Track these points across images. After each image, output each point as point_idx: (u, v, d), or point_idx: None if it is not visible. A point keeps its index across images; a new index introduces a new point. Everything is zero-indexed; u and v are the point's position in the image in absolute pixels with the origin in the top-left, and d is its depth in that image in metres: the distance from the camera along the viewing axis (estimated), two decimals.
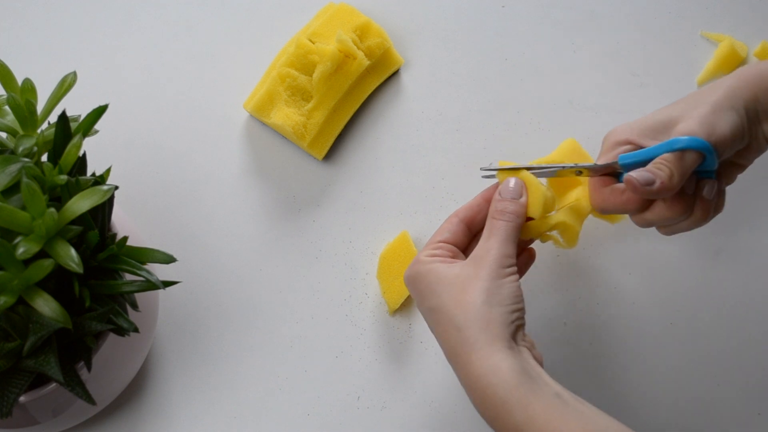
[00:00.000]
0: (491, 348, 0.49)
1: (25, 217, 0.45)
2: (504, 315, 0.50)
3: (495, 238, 0.53)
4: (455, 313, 0.51)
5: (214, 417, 0.62)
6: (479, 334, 0.50)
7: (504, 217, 0.53)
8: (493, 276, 0.51)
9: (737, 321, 0.65)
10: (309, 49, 0.66)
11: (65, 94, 0.53)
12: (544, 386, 0.48)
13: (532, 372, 0.49)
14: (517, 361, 0.49)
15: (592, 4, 0.72)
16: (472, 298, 0.50)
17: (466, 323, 0.50)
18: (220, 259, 0.65)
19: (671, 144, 0.52)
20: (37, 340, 0.46)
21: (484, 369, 0.49)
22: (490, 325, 0.50)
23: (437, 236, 0.55)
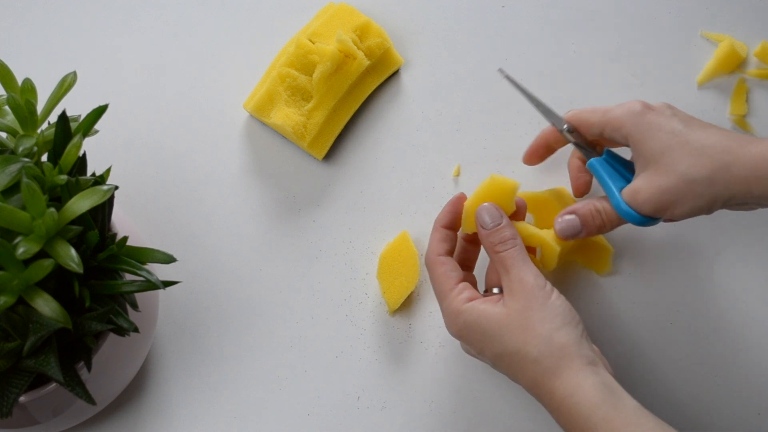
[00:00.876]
0: (571, 370, 0.50)
1: (25, 217, 0.45)
2: (572, 333, 0.51)
3: (515, 269, 0.53)
4: (528, 350, 0.51)
5: (214, 417, 0.62)
6: (559, 360, 0.50)
7: (506, 247, 0.54)
8: (542, 302, 0.52)
9: (737, 321, 0.65)
10: (309, 49, 0.66)
11: (65, 94, 0.53)
12: (625, 399, 0.49)
13: (612, 386, 0.50)
14: (597, 377, 0.50)
15: (592, 4, 0.72)
16: (538, 331, 0.51)
17: (543, 355, 0.51)
18: (220, 259, 0.65)
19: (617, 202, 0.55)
20: (37, 340, 0.46)
21: (568, 390, 0.49)
22: (566, 348, 0.50)
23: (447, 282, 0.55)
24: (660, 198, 0.53)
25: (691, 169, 0.52)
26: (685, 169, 0.52)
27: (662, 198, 0.53)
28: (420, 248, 0.66)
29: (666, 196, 0.52)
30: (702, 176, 0.52)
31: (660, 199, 0.53)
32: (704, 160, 0.52)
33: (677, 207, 0.53)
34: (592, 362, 0.50)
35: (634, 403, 0.49)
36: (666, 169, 0.52)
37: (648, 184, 0.53)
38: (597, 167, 0.57)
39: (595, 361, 0.50)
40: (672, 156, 0.52)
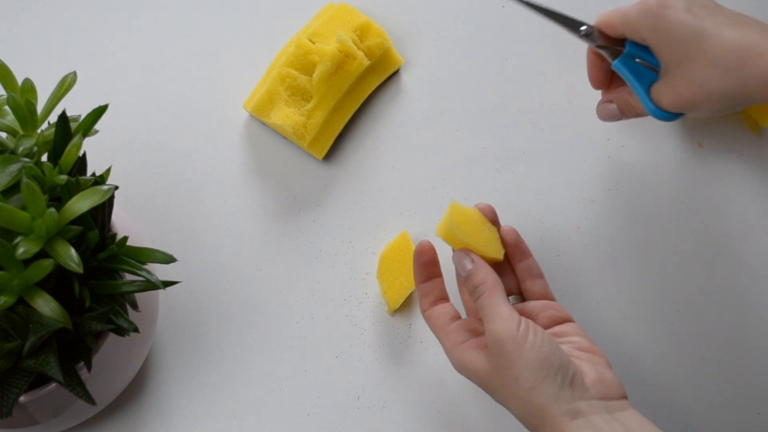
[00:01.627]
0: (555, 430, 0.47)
1: (25, 217, 0.45)
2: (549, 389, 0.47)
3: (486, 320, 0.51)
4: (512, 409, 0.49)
5: (214, 417, 0.62)
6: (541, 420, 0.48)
7: (476, 295, 0.52)
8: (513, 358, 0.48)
9: (737, 321, 0.65)
10: (309, 49, 0.66)
11: (65, 94, 0.53)
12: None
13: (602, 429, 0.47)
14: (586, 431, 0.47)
15: (592, 5, 0.72)
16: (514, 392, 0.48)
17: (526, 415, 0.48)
18: (220, 259, 0.65)
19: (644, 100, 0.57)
20: (37, 340, 0.46)
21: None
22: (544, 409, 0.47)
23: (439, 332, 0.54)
24: (682, 104, 0.54)
25: (708, 83, 0.52)
26: (702, 81, 0.52)
27: (684, 104, 0.54)
28: None
29: (687, 103, 0.54)
30: (720, 90, 0.52)
31: (682, 105, 0.54)
32: (720, 73, 0.52)
33: (699, 111, 0.54)
34: (576, 415, 0.47)
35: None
36: (685, 79, 0.53)
37: (670, 91, 0.55)
38: (621, 68, 0.57)
39: (581, 411, 0.47)
40: (690, 65, 0.53)
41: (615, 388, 0.50)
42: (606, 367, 0.51)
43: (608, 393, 0.49)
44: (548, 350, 0.48)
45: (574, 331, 0.54)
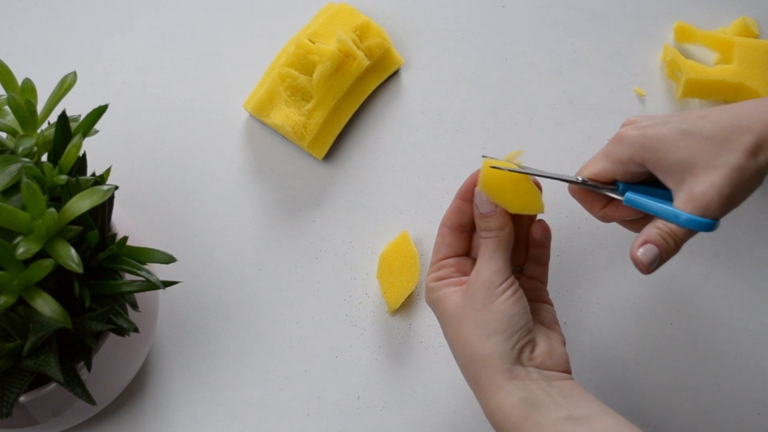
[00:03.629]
0: (493, 385, 0.49)
1: (25, 217, 0.45)
2: (501, 344, 0.49)
3: (482, 258, 0.52)
4: (458, 350, 0.51)
5: (214, 417, 0.62)
6: (480, 371, 0.49)
7: (487, 235, 0.52)
8: (485, 301, 0.50)
9: (737, 321, 0.65)
10: (309, 49, 0.66)
11: (65, 94, 0.53)
12: (551, 412, 0.47)
13: (536, 400, 0.48)
14: (519, 392, 0.48)
15: (592, 4, 0.72)
16: (466, 334, 0.50)
17: (467, 362, 0.50)
18: (220, 259, 0.65)
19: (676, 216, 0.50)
20: (37, 340, 0.46)
21: (491, 408, 0.49)
22: (488, 360, 0.49)
23: (436, 255, 0.55)
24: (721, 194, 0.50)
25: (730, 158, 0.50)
26: (725, 159, 0.50)
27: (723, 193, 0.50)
28: (420, 248, 0.66)
29: (727, 189, 0.50)
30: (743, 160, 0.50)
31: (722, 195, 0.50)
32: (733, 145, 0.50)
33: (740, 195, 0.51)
34: (515, 377, 0.48)
35: (562, 413, 0.47)
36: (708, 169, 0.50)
37: (702, 189, 0.50)
38: (636, 197, 0.53)
39: (520, 374, 0.49)
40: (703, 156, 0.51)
41: (561, 362, 0.51)
42: (559, 343, 0.52)
43: (553, 365, 0.50)
44: (517, 310, 0.50)
45: (546, 309, 0.55)
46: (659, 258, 0.51)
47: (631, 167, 0.53)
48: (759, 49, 0.68)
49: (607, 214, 0.55)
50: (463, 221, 0.55)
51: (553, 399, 0.48)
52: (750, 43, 0.68)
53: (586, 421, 0.47)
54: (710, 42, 0.70)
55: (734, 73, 0.67)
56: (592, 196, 0.55)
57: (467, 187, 0.55)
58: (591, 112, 0.69)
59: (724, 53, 0.70)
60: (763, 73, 0.67)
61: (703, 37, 0.70)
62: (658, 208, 0.52)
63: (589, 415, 0.47)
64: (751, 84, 0.67)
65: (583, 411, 0.47)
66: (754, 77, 0.67)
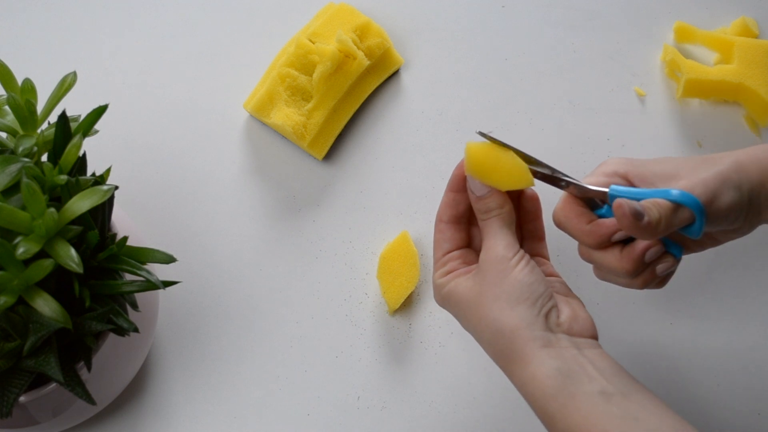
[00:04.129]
0: (526, 356, 0.48)
1: (25, 217, 0.45)
2: (527, 312, 0.48)
3: (488, 237, 0.51)
4: (483, 330, 0.50)
5: (214, 417, 0.62)
6: (510, 344, 0.48)
7: (488, 215, 0.52)
8: (500, 276, 0.49)
9: (737, 321, 0.65)
10: (309, 49, 0.66)
11: (65, 94, 0.53)
12: (585, 385, 0.46)
13: (570, 371, 0.47)
14: (553, 362, 0.47)
15: (592, 4, 0.72)
16: (488, 311, 0.49)
17: (493, 338, 0.49)
18: (220, 259, 0.65)
19: (666, 192, 0.49)
20: (37, 340, 0.46)
21: (522, 379, 0.48)
22: (517, 331, 0.48)
23: (438, 251, 0.54)
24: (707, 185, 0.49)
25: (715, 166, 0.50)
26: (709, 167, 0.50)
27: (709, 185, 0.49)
28: (420, 248, 0.66)
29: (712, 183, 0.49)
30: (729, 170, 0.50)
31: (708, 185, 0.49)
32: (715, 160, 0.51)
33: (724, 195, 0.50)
34: (546, 344, 0.48)
35: (596, 387, 0.46)
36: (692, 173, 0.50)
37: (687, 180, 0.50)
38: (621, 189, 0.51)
39: (551, 341, 0.48)
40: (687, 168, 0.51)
41: (588, 327, 0.50)
42: (581, 308, 0.51)
43: (580, 331, 0.50)
44: (535, 277, 0.49)
45: (558, 279, 0.55)
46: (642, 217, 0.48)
47: (615, 180, 0.52)
48: (759, 49, 0.68)
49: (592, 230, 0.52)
50: (459, 212, 0.54)
51: (586, 371, 0.47)
52: (750, 43, 0.68)
53: (620, 398, 0.46)
54: (710, 42, 0.70)
55: (734, 73, 0.67)
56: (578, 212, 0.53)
57: (456, 177, 0.54)
58: (591, 112, 0.69)
59: (724, 53, 0.70)
60: (763, 73, 0.67)
61: (703, 37, 0.70)
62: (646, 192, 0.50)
63: (623, 391, 0.47)
64: (751, 84, 0.67)
65: (617, 387, 0.47)
66: (754, 77, 0.67)
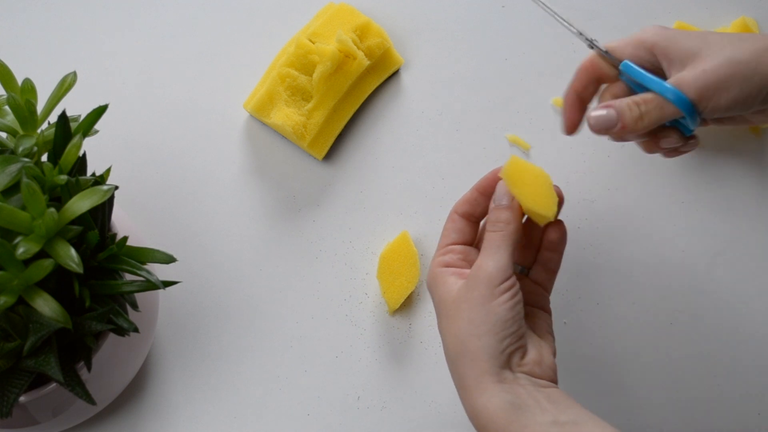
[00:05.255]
0: (479, 385, 0.48)
1: (25, 217, 0.45)
2: (492, 346, 0.48)
3: (486, 253, 0.50)
4: (448, 343, 0.50)
5: (214, 417, 0.62)
6: (468, 369, 0.49)
7: (494, 228, 0.51)
8: (483, 299, 0.49)
9: (737, 321, 0.65)
10: (309, 49, 0.66)
11: (65, 94, 0.53)
12: (537, 416, 0.47)
13: (523, 404, 0.47)
14: (506, 396, 0.47)
15: (592, 4, 0.72)
16: (459, 329, 0.49)
17: (455, 357, 0.50)
18: (220, 259, 0.65)
19: (660, 85, 0.50)
20: (37, 340, 0.46)
21: (476, 409, 0.48)
22: (477, 360, 0.48)
23: (444, 239, 0.54)
24: (706, 81, 0.49)
25: (735, 52, 0.49)
26: (729, 53, 0.49)
27: (708, 81, 0.49)
28: (420, 248, 0.66)
29: (712, 78, 0.49)
30: (747, 57, 0.49)
31: (706, 82, 0.49)
32: (746, 44, 0.50)
33: (724, 92, 0.49)
34: (501, 380, 0.48)
35: (549, 417, 0.47)
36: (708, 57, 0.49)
37: (692, 71, 0.49)
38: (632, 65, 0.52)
39: (506, 378, 0.48)
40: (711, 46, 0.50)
41: (549, 373, 0.50)
42: (549, 354, 0.51)
43: (541, 375, 0.50)
44: (512, 315, 0.49)
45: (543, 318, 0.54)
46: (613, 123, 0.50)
47: (640, 51, 0.52)
48: None
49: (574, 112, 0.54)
50: (475, 212, 0.54)
51: (540, 404, 0.47)
52: None
53: (572, 426, 0.46)
54: None
55: None
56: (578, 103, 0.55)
57: (487, 181, 0.54)
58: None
59: None
60: None
61: None
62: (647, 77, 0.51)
63: (575, 420, 0.47)
64: None
65: (570, 416, 0.47)
66: None
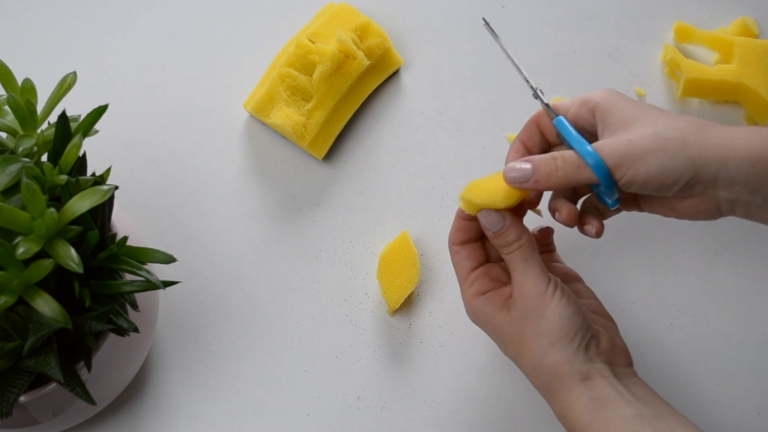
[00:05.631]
0: (564, 390, 0.49)
1: (25, 217, 0.45)
2: (567, 349, 0.50)
3: (516, 273, 0.52)
4: (524, 363, 0.51)
5: (214, 417, 0.62)
6: (551, 379, 0.50)
7: (510, 249, 0.52)
8: (538, 313, 0.50)
9: (737, 321, 0.65)
10: (309, 49, 0.66)
11: (65, 94, 0.53)
12: (620, 410, 0.48)
13: (605, 399, 0.48)
14: (590, 392, 0.49)
15: (592, 4, 0.72)
16: (530, 347, 0.50)
17: (536, 372, 0.51)
18: (220, 259, 0.65)
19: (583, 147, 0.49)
20: (37, 340, 0.46)
21: (562, 410, 0.50)
22: (557, 367, 0.50)
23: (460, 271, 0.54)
24: (628, 149, 0.48)
25: (665, 128, 0.48)
26: (659, 127, 0.48)
27: (630, 150, 0.48)
28: (420, 248, 0.66)
29: (633, 147, 0.48)
30: (676, 135, 0.48)
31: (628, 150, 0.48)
32: (679, 122, 0.49)
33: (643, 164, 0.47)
34: (585, 377, 0.49)
35: (631, 411, 0.48)
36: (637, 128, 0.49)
37: (617, 138, 0.49)
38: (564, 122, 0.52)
39: (590, 373, 0.49)
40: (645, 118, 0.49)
41: (624, 355, 0.52)
42: (617, 334, 0.53)
43: (617, 359, 0.51)
44: (572, 310, 0.50)
45: (587, 292, 0.56)
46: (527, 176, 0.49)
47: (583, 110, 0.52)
48: (759, 49, 0.68)
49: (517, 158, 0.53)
50: (470, 237, 0.55)
51: (622, 396, 0.49)
52: (750, 43, 0.69)
53: (654, 420, 0.48)
54: (710, 42, 0.70)
55: (734, 72, 0.68)
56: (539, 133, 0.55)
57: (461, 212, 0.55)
58: None
59: (724, 53, 0.70)
60: (763, 73, 0.67)
61: (703, 37, 0.70)
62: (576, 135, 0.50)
63: (657, 414, 0.48)
64: (751, 84, 0.67)
65: (652, 410, 0.48)
66: (754, 77, 0.67)
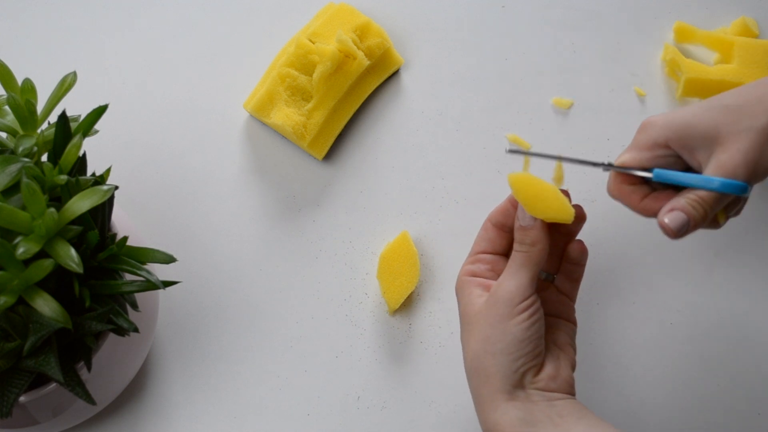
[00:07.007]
0: (493, 402, 0.49)
1: (25, 217, 0.45)
2: (505, 366, 0.49)
3: (509, 271, 0.51)
4: (465, 356, 0.52)
5: (214, 417, 0.62)
6: (482, 385, 0.50)
7: (520, 248, 0.52)
8: (501, 318, 0.50)
9: (737, 321, 0.65)
10: (309, 49, 0.66)
11: (65, 94, 0.53)
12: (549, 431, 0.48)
13: (534, 420, 0.48)
14: (517, 412, 0.48)
15: (592, 4, 0.72)
16: (476, 345, 0.51)
17: (471, 373, 0.51)
18: (220, 259, 0.65)
19: (708, 182, 0.50)
20: (37, 340, 0.46)
21: (489, 424, 0.49)
22: (490, 377, 0.50)
23: (475, 247, 0.55)
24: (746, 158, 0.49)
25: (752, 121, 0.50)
26: (748, 124, 0.50)
27: (748, 158, 0.49)
28: (420, 248, 0.66)
29: (751, 154, 0.49)
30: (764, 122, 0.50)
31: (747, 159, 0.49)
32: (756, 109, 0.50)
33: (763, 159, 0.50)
34: (513, 397, 0.49)
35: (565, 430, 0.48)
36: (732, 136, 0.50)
37: (728, 155, 0.50)
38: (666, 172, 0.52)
39: (518, 396, 0.49)
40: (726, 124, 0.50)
41: (565, 386, 0.51)
42: (567, 367, 0.52)
43: (555, 389, 0.50)
44: (529, 335, 0.50)
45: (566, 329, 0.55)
46: (688, 224, 0.50)
47: (658, 151, 0.52)
48: (759, 49, 0.68)
49: (647, 205, 0.53)
50: (507, 223, 0.55)
51: (551, 419, 0.48)
52: (750, 43, 0.69)
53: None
54: (710, 42, 0.70)
55: (734, 72, 0.67)
56: (630, 190, 0.53)
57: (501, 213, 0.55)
58: (591, 112, 0.69)
59: (724, 53, 0.70)
60: (763, 73, 0.67)
61: (703, 37, 0.70)
62: (689, 177, 0.51)
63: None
64: None
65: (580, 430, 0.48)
66: (754, 77, 0.67)
